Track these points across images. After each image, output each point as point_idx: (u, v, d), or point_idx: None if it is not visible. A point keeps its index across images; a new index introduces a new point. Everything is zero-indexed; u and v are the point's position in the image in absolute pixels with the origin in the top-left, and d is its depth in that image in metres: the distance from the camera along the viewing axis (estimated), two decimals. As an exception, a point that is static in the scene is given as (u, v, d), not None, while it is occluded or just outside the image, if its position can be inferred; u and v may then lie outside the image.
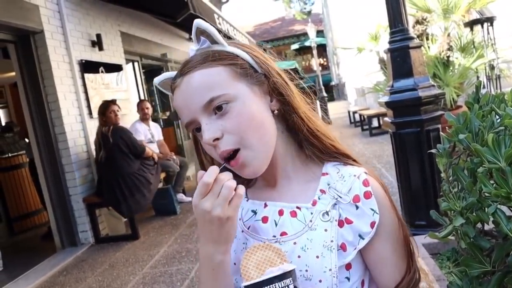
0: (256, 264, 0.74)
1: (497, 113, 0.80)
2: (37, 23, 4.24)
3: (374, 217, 0.80)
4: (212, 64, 0.77)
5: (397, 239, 0.85)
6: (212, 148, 0.78)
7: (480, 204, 0.70)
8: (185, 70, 0.78)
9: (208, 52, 0.79)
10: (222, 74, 0.77)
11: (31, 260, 4.23)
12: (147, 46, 6.99)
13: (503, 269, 0.68)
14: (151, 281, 3.39)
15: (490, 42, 5.63)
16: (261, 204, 0.87)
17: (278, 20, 35.77)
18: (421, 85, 2.82)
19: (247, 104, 0.77)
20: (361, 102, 13.34)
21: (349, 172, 0.84)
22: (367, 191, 0.81)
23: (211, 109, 0.76)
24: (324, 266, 0.77)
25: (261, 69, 0.82)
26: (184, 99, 0.77)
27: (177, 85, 0.79)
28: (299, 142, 0.87)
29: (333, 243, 0.78)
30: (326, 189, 0.83)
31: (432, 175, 2.84)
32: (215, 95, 0.75)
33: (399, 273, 0.84)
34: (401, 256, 0.85)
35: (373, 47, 7.03)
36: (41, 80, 4.36)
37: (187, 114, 0.78)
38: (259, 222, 0.85)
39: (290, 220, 0.82)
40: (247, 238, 0.85)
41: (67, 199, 4.51)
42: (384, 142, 7.74)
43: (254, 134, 0.77)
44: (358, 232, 0.80)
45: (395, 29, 2.94)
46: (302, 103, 0.86)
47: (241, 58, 0.80)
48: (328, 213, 0.80)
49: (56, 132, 4.45)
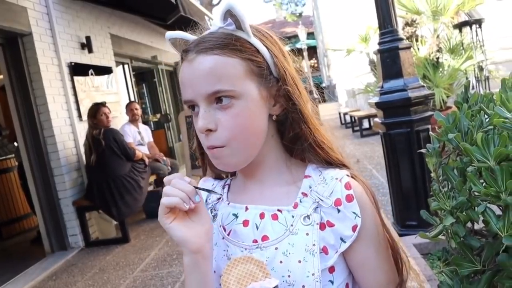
0: (238, 279, 0.72)
1: (486, 113, 0.80)
2: (25, 25, 4.20)
3: (356, 220, 0.79)
4: (230, 53, 0.76)
5: (380, 242, 0.84)
6: (201, 135, 0.79)
7: (470, 203, 0.69)
8: (202, 48, 0.76)
9: (231, 38, 0.77)
10: (237, 68, 0.76)
11: (20, 265, 4.17)
12: (137, 48, 6.96)
13: (493, 268, 0.68)
14: (142, 284, 3.36)
15: (478, 44, 5.70)
16: (242, 208, 0.85)
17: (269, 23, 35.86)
18: (410, 85, 2.84)
19: (249, 106, 0.76)
20: (352, 104, 13.41)
21: (331, 175, 0.82)
22: (349, 194, 0.80)
23: (213, 99, 0.75)
24: (306, 270, 0.76)
25: (276, 72, 0.80)
26: (191, 79, 0.76)
27: (189, 60, 0.77)
28: (287, 146, 0.86)
29: (315, 247, 0.77)
30: (308, 192, 0.82)
31: (422, 175, 2.85)
32: (223, 88, 0.74)
33: (383, 276, 0.83)
34: (385, 259, 0.84)
35: (363, 48, 7.08)
36: (30, 82, 4.31)
37: (189, 93, 0.77)
38: (240, 225, 0.83)
39: (271, 223, 0.80)
40: (228, 245, 0.83)
41: (56, 202, 4.45)
42: (375, 143, 7.78)
43: (244, 140, 0.77)
44: (340, 235, 0.79)
45: (385, 30, 2.96)
46: (312, 113, 0.85)
47: (260, 55, 0.79)
48: (309, 217, 0.79)
49: (45, 135, 4.40)
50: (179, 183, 0.74)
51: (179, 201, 0.72)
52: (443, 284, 0.75)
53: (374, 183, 4.99)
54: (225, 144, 0.76)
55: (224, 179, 0.95)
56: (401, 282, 0.86)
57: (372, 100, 3.07)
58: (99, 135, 4.38)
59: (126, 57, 6.67)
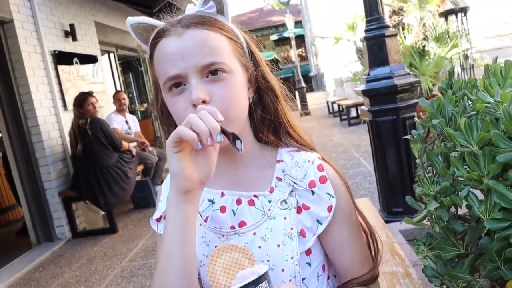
0: (224, 268, 0.71)
1: (469, 98, 0.81)
2: (6, 12, 4.09)
3: (330, 201, 0.81)
4: (218, 31, 0.77)
5: (353, 222, 0.86)
6: (189, 110, 0.73)
7: (453, 188, 0.70)
8: (190, 22, 0.76)
9: (214, 19, 0.78)
10: (226, 45, 0.78)
11: (6, 256, 4.12)
12: (123, 36, 6.85)
13: (476, 252, 0.69)
14: (130, 274, 3.35)
15: (464, 32, 5.74)
16: (217, 193, 0.85)
17: (256, 11, 35.63)
18: (396, 73, 2.85)
19: (238, 80, 0.78)
20: (340, 93, 13.45)
21: (303, 158, 0.84)
22: (322, 176, 0.82)
23: (205, 72, 0.75)
24: (285, 254, 0.77)
25: (250, 57, 0.84)
26: (182, 51, 0.74)
27: (176, 34, 0.75)
28: (259, 129, 0.89)
29: (293, 230, 0.78)
30: (282, 176, 0.83)
31: (408, 162, 2.88)
32: (217, 60, 0.75)
33: (357, 255, 0.85)
34: (359, 239, 0.86)
35: (351, 37, 7.08)
36: (12, 71, 4.22)
37: (178, 66, 0.74)
38: (217, 212, 0.83)
39: (249, 209, 0.81)
40: (206, 231, 0.83)
41: (42, 193, 4.40)
42: (363, 131, 7.83)
43: (237, 111, 0.78)
44: (316, 218, 0.80)
45: (371, 18, 2.96)
46: (283, 95, 0.89)
47: (238, 38, 0.82)
48: (286, 201, 0.80)
49: (29, 125, 4.32)
50: (206, 116, 0.66)
51: (194, 138, 0.65)
52: (427, 268, 0.76)
53: (361, 171, 5.03)
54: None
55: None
56: (376, 262, 0.88)
57: (359, 88, 3.08)
58: (85, 125, 4.32)
59: (111, 45, 6.57)
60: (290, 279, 0.77)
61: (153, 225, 0.91)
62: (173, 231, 0.71)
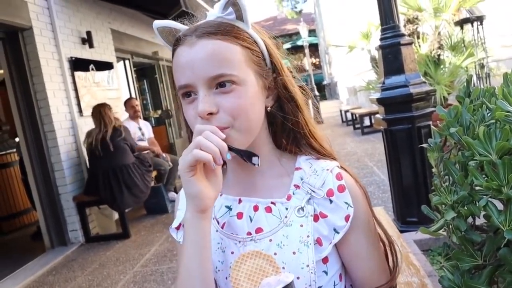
0: (248, 275, 0.70)
1: (487, 107, 0.80)
2: (25, 20, 4.19)
3: (348, 210, 0.80)
4: (233, 40, 0.76)
5: (371, 231, 0.85)
6: (198, 120, 0.75)
7: (471, 197, 0.69)
8: (203, 32, 0.75)
9: (231, 26, 0.77)
10: (239, 54, 0.76)
11: (20, 259, 4.18)
12: (138, 44, 6.94)
13: (494, 263, 0.67)
14: (142, 279, 3.36)
15: (480, 41, 5.67)
16: (235, 200, 0.85)
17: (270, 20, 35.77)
18: (412, 81, 2.83)
19: (249, 92, 0.77)
20: (353, 101, 13.39)
21: (321, 166, 0.83)
22: (341, 185, 0.81)
23: (214, 83, 0.74)
24: (301, 262, 0.76)
25: (270, 64, 0.83)
26: (193, 61, 0.74)
27: (189, 44, 0.75)
28: (279, 137, 0.88)
29: (309, 238, 0.77)
30: (300, 184, 0.82)
31: (423, 171, 2.85)
32: (226, 72, 0.74)
33: (375, 265, 0.84)
34: (377, 249, 0.85)
35: (365, 45, 7.06)
36: (30, 77, 4.31)
37: (188, 76, 0.75)
38: (234, 218, 0.83)
39: (266, 216, 0.81)
40: (222, 238, 0.83)
41: (56, 198, 4.45)
42: (376, 140, 7.77)
43: (246, 121, 0.77)
44: (333, 226, 0.80)
45: (386, 26, 2.94)
46: (305, 104, 0.87)
47: (258, 46, 0.81)
48: (303, 209, 0.80)
49: (45, 130, 4.39)
50: (212, 137, 0.70)
51: (211, 159, 0.69)
52: (443, 279, 0.75)
53: (374, 180, 4.98)
54: (228, 125, 0.75)
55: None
56: (394, 274, 0.86)
57: (374, 96, 3.06)
58: (109, 132, 4.43)
59: (127, 52, 6.66)
60: (306, 287, 0.76)
61: (173, 233, 0.91)
62: (194, 252, 0.75)
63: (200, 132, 0.71)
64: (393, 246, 0.88)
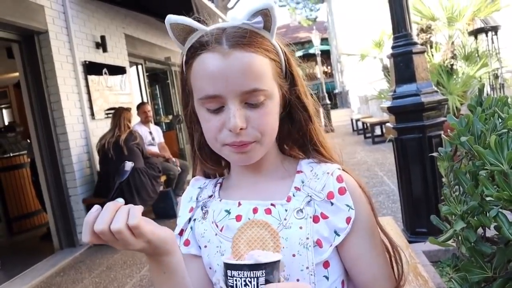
0: (248, 241, 0.70)
1: (500, 116, 0.78)
2: (42, 23, 4.26)
3: (349, 212, 0.79)
4: (263, 53, 0.75)
5: (374, 235, 0.83)
6: (223, 133, 0.75)
7: (481, 208, 0.68)
8: (237, 42, 0.72)
9: (261, 37, 0.75)
10: (268, 68, 0.76)
11: (29, 260, 4.21)
12: (151, 49, 7.01)
13: (505, 276, 0.66)
14: (148, 283, 3.36)
15: (494, 51, 5.61)
16: (234, 204, 0.84)
17: (283, 27, 35.85)
18: (424, 90, 2.81)
19: (275, 105, 0.78)
20: (364, 110, 13.33)
21: (322, 169, 0.83)
22: (341, 187, 0.80)
23: (246, 97, 0.73)
24: (301, 264, 0.76)
25: (287, 74, 0.82)
26: (226, 73, 0.71)
27: (221, 52, 0.72)
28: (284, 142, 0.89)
29: (308, 240, 0.76)
30: (301, 187, 0.82)
31: (433, 181, 2.81)
32: (261, 87, 0.74)
33: (379, 270, 0.82)
34: (380, 253, 0.83)
35: (377, 54, 7.03)
36: (44, 80, 4.37)
37: (219, 88, 0.72)
38: (233, 220, 0.82)
39: (265, 218, 0.80)
40: (221, 241, 0.83)
41: (66, 200, 4.49)
42: (387, 150, 7.71)
43: (270, 136, 0.79)
44: (334, 228, 0.79)
45: (399, 34, 2.93)
46: (316, 114, 0.87)
47: (278, 56, 0.80)
48: (302, 210, 0.79)
49: (57, 132, 4.44)
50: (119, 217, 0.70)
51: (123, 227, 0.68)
52: (452, 291, 0.73)
53: (384, 189, 4.94)
54: (256, 139, 0.76)
55: (214, 178, 0.95)
56: (398, 283, 0.84)
57: (385, 105, 3.04)
58: (123, 136, 4.49)
59: (140, 57, 6.73)
60: None
61: (177, 239, 0.91)
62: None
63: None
64: (397, 253, 0.86)
